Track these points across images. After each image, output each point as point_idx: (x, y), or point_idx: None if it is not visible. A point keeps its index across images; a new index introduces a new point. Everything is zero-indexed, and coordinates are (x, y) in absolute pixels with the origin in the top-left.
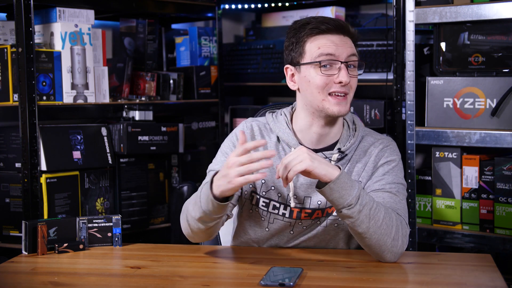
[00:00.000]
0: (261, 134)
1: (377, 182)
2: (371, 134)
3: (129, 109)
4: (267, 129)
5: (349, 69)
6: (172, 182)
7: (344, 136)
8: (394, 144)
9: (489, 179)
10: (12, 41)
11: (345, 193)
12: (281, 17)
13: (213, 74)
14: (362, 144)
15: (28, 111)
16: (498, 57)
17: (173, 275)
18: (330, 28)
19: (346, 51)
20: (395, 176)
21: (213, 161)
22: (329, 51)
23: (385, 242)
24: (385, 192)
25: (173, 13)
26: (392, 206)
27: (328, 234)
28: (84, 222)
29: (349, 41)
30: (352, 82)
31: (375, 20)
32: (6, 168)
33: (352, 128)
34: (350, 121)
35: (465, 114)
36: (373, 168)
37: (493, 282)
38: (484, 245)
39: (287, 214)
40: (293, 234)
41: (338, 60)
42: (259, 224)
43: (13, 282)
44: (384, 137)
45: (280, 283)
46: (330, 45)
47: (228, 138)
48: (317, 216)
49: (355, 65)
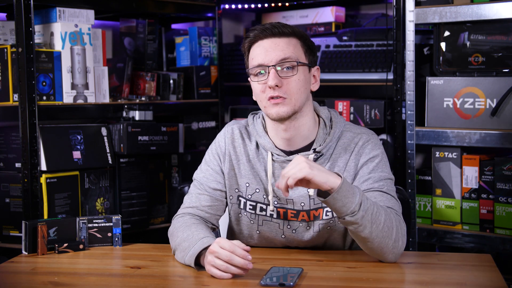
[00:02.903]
0: (241, 137)
1: (365, 182)
2: (351, 129)
3: (129, 109)
4: (248, 131)
5: (282, 71)
6: (172, 182)
7: (320, 135)
8: (375, 137)
9: (489, 179)
10: (12, 41)
11: (348, 201)
12: (281, 17)
13: (213, 74)
14: (341, 141)
15: (28, 111)
16: (498, 57)
17: (173, 275)
18: (259, 35)
19: (275, 55)
20: (381, 172)
21: (198, 170)
22: (259, 61)
23: (386, 244)
24: (375, 191)
25: (173, 13)
26: (387, 205)
27: (322, 237)
28: (84, 222)
29: (282, 42)
30: (287, 83)
31: (375, 20)
32: (6, 168)
33: (329, 126)
34: (327, 119)
35: (465, 114)
36: (355, 167)
37: (493, 282)
38: (484, 245)
39: (275, 214)
40: (285, 239)
41: (267, 65)
42: (250, 228)
43: (13, 282)
44: (365, 131)
45: (280, 283)
46: (259, 54)
47: (211, 148)
48: (303, 218)
49: (289, 66)
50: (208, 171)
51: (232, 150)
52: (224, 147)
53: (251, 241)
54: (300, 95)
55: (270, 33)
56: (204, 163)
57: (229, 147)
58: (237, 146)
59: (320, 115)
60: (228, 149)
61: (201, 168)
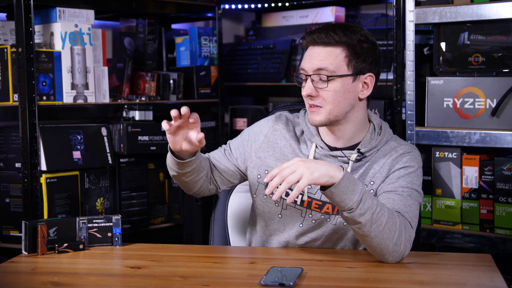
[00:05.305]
0: (286, 124)
1: (390, 184)
2: (397, 140)
3: (129, 109)
4: (295, 122)
5: (317, 82)
6: (172, 182)
7: (367, 138)
8: (417, 152)
9: (489, 179)
10: (12, 41)
11: (346, 197)
12: (281, 17)
13: (213, 74)
14: (384, 148)
15: (28, 111)
16: (498, 57)
17: (173, 275)
18: (309, 41)
19: (312, 65)
20: (410, 181)
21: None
22: (302, 65)
23: (386, 246)
24: (396, 194)
25: (173, 13)
26: (401, 208)
27: (336, 233)
28: (84, 222)
29: (324, 52)
30: (322, 93)
31: (375, 20)
32: (6, 168)
33: (378, 133)
34: (378, 125)
35: (465, 114)
36: (388, 171)
37: (493, 282)
38: (484, 245)
39: (299, 201)
40: (302, 228)
41: (305, 74)
42: (273, 210)
43: (13, 282)
44: (409, 144)
45: (280, 283)
46: (305, 59)
47: (253, 125)
48: (327, 211)
49: (323, 79)
50: (236, 141)
51: (271, 132)
52: (265, 127)
53: (271, 225)
54: (336, 105)
55: (319, 42)
56: (240, 137)
57: (270, 129)
58: (278, 129)
59: (372, 120)
60: (268, 131)
61: (235, 139)
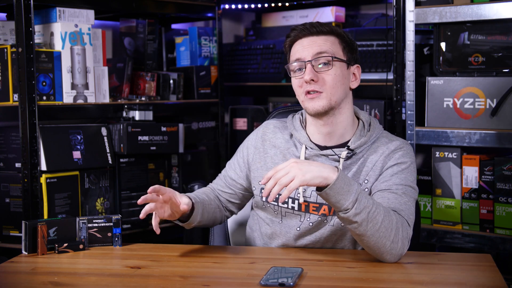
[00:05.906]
0: (274, 132)
1: (384, 182)
2: (387, 136)
3: (129, 109)
4: (283, 127)
5: (317, 66)
6: (172, 182)
7: (357, 135)
8: (409, 147)
9: (489, 179)
10: (12, 41)
11: (341, 198)
12: (281, 17)
13: (213, 74)
14: (375, 145)
15: (28, 111)
16: (498, 57)
17: (173, 275)
18: (299, 34)
19: (312, 51)
20: (404, 178)
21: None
22: (297, 56)
23: (383, 244)
24: (391, 192)
25: (173, 13)
26: (396, 207)
27: (335, 234)
28: (84, 222)
29: (320, 39)
30: (323, 78)
31: (375, 20)
32: (6, 168)
33: (367, 129)
34: (367, 122)
35: (465, 114)
36: (381, 169)
37: (493, 282)
38: (484, 245)
39: (296, 207)
40: (300, 232)
41: (303, 60)
42: (274, 218)
43: (13, 282)
44: (400, 139)
45: (280, 283)
46: (298, 50)
47: (245, 140)
48: (324, 212)
49: (325, 62)
50: (232, 161)
51: (261, 143)
52: (254, 139)
53: (269, 230)
54: (336, 89)
55: (308, 32)
56: (235, 153)
57: (259, 140)
58: (267, 139)
59: (360, 117)
60: (257, 142)
61: (231, 161)
